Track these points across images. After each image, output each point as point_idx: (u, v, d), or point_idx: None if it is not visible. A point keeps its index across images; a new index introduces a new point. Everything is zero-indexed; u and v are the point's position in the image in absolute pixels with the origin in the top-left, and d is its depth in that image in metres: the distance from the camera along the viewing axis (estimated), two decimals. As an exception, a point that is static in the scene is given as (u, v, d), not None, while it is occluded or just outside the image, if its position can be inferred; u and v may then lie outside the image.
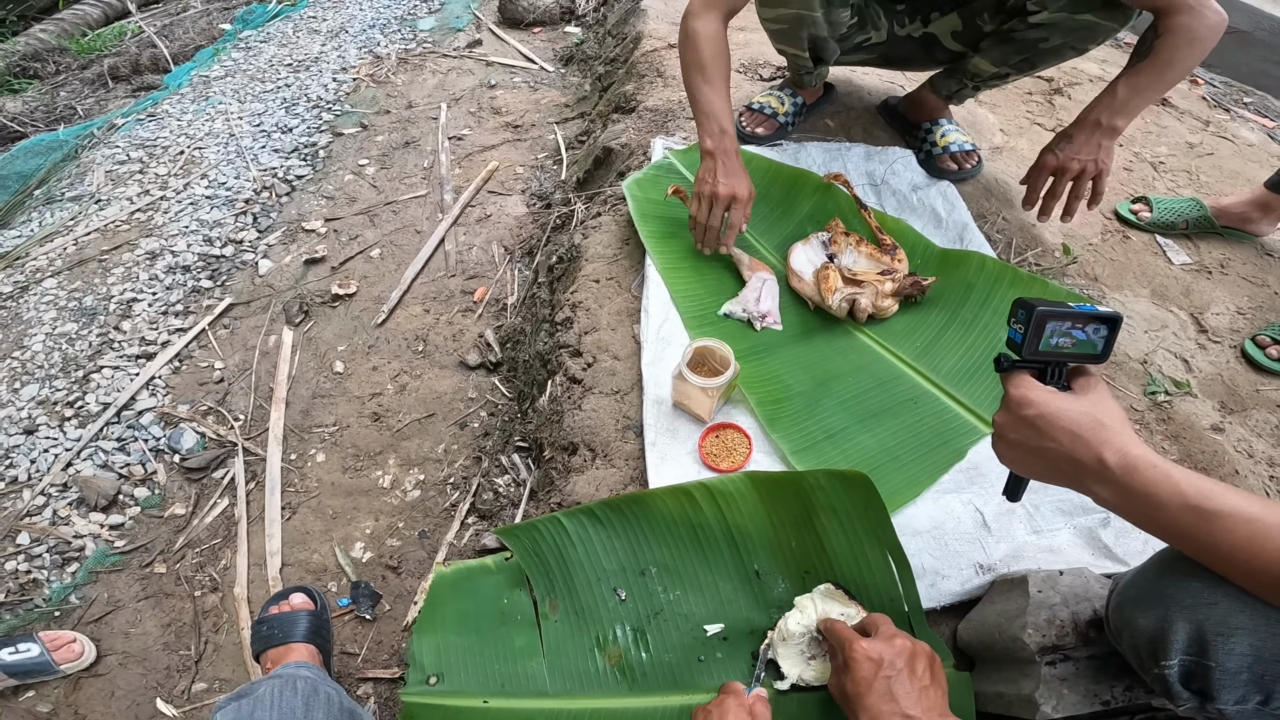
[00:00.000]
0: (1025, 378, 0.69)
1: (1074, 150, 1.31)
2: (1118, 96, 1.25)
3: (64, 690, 1.20)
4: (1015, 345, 0.71)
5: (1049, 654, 0.82)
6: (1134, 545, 1.02)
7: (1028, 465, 0.71)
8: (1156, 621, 0.65)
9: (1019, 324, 0.70)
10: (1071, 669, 0.81)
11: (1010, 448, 0.71)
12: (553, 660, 0.97)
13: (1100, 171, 1.31)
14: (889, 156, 1.66)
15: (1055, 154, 1.33)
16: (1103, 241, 1.68)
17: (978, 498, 1.11)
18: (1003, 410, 0.71)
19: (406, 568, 1.34)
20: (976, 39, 1.42)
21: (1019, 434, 0.68)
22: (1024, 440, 0.68)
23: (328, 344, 1.70)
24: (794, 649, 0.90)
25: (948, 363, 1.28)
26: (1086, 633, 0.82)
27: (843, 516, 0.99)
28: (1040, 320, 0.68)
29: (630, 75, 2.17)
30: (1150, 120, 2.13)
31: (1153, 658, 0.65)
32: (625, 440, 1.18)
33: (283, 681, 0.68)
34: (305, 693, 0.68)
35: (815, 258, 1.37)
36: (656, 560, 1.02)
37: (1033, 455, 0.68)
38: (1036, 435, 0.67)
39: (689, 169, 1.58)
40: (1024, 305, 0.70)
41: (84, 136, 2.44)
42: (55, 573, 1.35)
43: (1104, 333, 0.70)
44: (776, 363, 1.27)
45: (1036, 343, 0.69)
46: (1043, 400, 0.67)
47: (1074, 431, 0.65)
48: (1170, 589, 0.65)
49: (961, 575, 1.02)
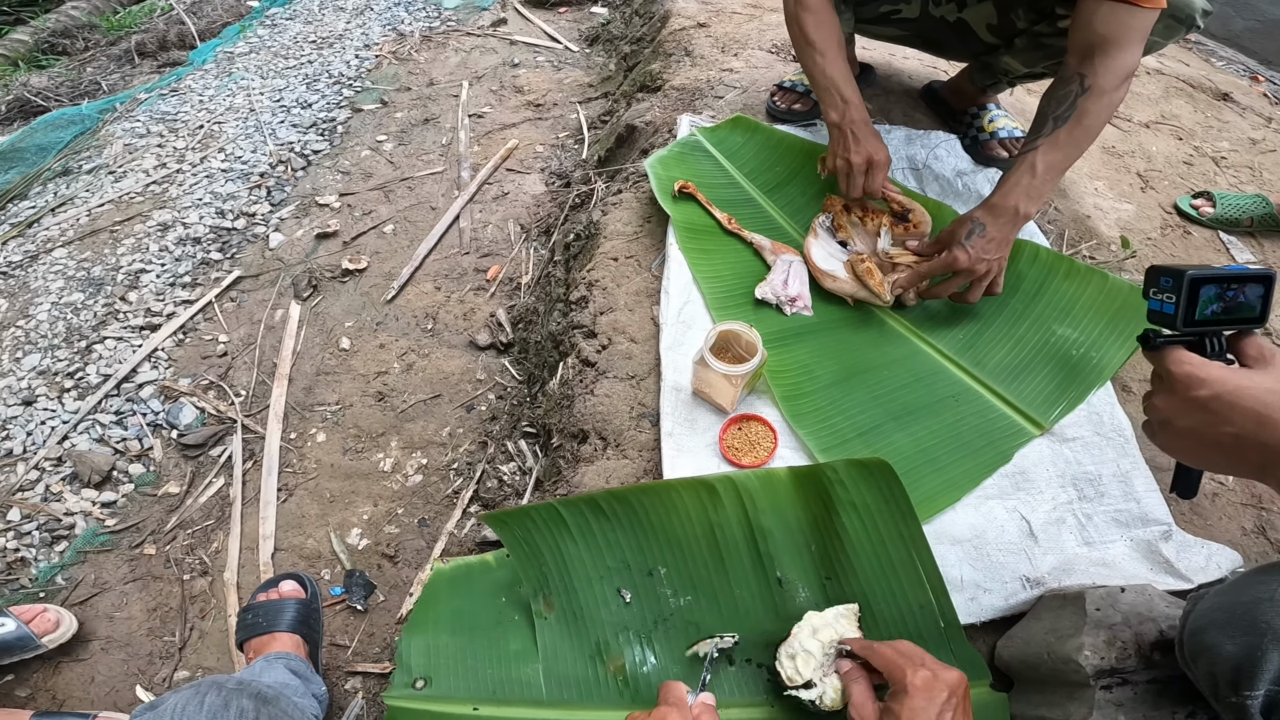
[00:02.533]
0: (1186, 353, 0.61)
1: (986, 246, 1.10)
2: (1037, 174, 1.09)
3: (43, 674, 1.14)
4: (1164, 318, 0.63)
5: (1105, 677, 0.75)
6: (1197, 560, 0.93)
7: (1200, 455, 0.61)
8: (1245, 648, 0.58)
9: (1166, 294, 0.62)
10: (1129, 694, 0.75)
11: (1178, 437, 0.61)
12: (549, 666, 0.89)
13: (1001, 270, 1.14)
14: (931, 141, 1.55)
15: (966, 250, 1.10)
16: (1162, 236, 1.56)
17: (1024, 505, 1.02)
18: (1164, 393, 0.62)
19: (404, 557, 1.26)
20: (1010, 34, 1.31)
21: (1190, 420, 0.59)
22: (1197, 427, 0.59)
23: (335, 320, 1.64)
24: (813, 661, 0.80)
25: (994, 357, 1.17)
26: (1150, 655, 0.75)
27: (864, 513, 0.89)
28: (1193, 285, 0.60)
29: (657, 54, 2.08)
30: (1211, 115, 1.99)
31: (1233, 686, 0.59)
32: (640, 429, 1.09)
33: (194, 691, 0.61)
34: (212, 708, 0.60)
35: (834, 249, 1.27)
36: (666, 560, 0.92)
37: (1207, 444, 0.59)
38: (1213, 420, 0.57)
39: (716, 146, 1.49)
40: (1167, 272, 0.62)
41: (105, 111, 2.41)
42: (43, 551, 1.30)
43: (1260, 292, 0.62)
44: (804, 351, 1.17)
45: (1192, 312, 0.61)
46: (1218, 378, 0.57)
47: (1261, 413, 0.55)
48: (1269, 615, 0.57)
49: (1006, 589, 0.93)
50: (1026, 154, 1.11)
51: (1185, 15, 1.10)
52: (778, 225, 1.37)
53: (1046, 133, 1.10)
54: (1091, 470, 1.04)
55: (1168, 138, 1.83)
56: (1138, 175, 1.68)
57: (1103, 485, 1.03)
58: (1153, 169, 1.71)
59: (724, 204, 1.38)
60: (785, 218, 1.38)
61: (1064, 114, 1.08)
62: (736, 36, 1.99)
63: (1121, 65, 1.05)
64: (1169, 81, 2.04)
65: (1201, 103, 2.01)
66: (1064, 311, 1.19)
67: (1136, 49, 1.06)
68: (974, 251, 1.10)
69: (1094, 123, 1.08)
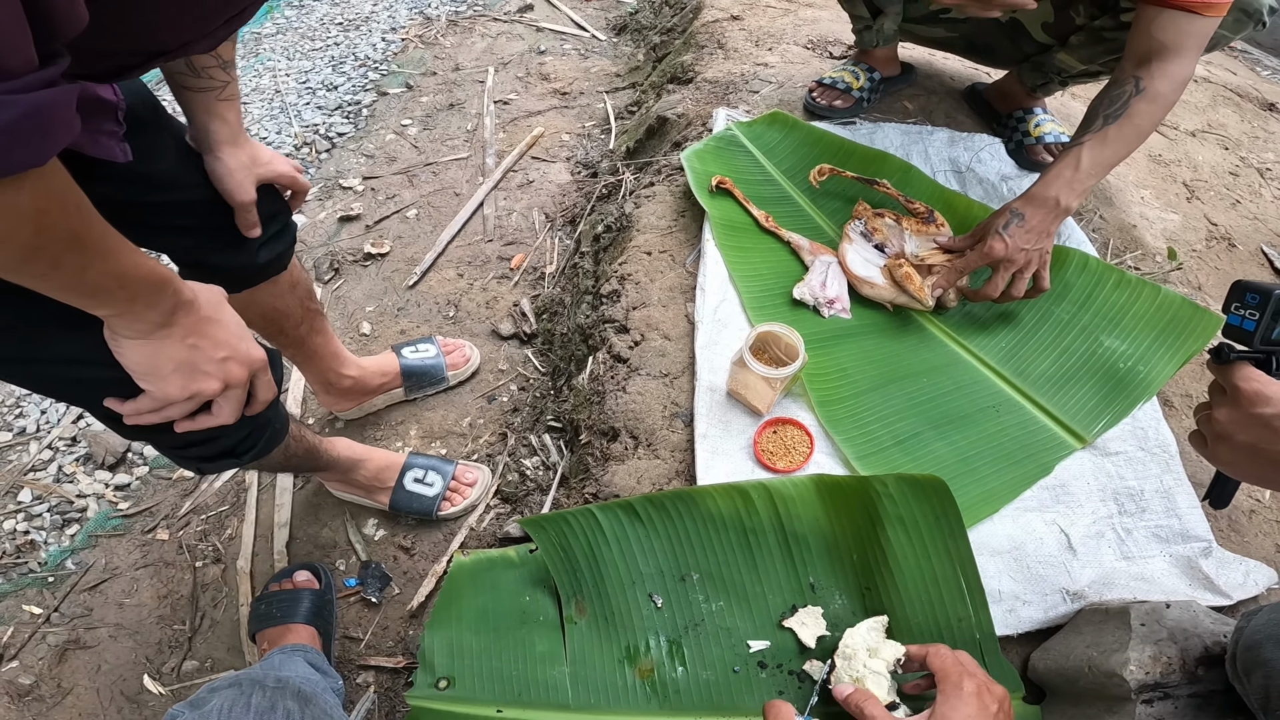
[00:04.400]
0: (1256, 370, 0.62)
1: (1025, 237, 1.07)
2: (1081, 168, 1.05)
3: (48, 662, 1.12)
4: (1242, 334, 0.63)
5: (1148, 692, 0.76)
6: (1234, 577, 0.93)
7: (1253, 469, 0.64)
8: None
9: (1249, 310, 0.62)
10: (1170, 708, 0.76)
11: (1235, 450, 0.64)
12: (577, 669, 0.86)
13: (1044, 262, 1.10)
14: (975, 144, 1.51)
15: (1004, 239, 1.07)
16: (1207, 248, 1.51)
17: (1063, 517, 1.00)
18: (1228, 407, 0.64)
19: (420, 549, 1.24)
20: (1067, 33, 1.27)
21: (1251, 435, 0.62)
22: (1257, 442, 0.61)
23: (356, 304, 1.61)
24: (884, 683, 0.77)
25: (1037, 368, 1.14)
26: (1194, 670, 0.77)
27: (911, 529, 0.87)
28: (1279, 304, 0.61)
29: (689, 46, 2.04)
30: (1258, 125, 1.94)
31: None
32: (672, 429, 1.06)
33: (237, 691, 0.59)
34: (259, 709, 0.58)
35: (871, 254, 1.24)
36: (700, 566, 0.90)
37: (1263, 458, 0.62)
38: (1273, 436, 0.60)
39: (753, 141, 1.45)
40: (1254, 289, 0.62)
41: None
42: (54, 534, 1.27)
43: None
44: (842, 355, 1.14)
45: (1272, 330, 0.61)
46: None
47: None
48: None
49: (1046, 601, 0.92)
50: (1072, 148, 1.08)
51: (1254, 9, 1.07)
52: (816, 225, 1.33)
53: (1095, 129, 1.07)
54: (1134, 485, 1.02)
55: (1214, 147, 1.79)
56: (1184, 185, 1.63)
57: (1144, 500, 1.01)
58: (1199, 179, 1.67)
59: (761, 201, 1.34)
60: (824, 218, 1.35)
61: (1115, 113, 1.06)
62: (771, 31, 1.95)
63: (1178, 72, 1.04)
64: (1216, 90, 1.99)
65: (1248, 112, 1.96)
66: (1113, 323, 1.16)
67: (1194, 56, 1.04)
68: (1012, 241, 1.07)
69: (1144, 123, 1.06)
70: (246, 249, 0.89)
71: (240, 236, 0.87)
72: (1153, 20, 1.02)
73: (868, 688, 0.74)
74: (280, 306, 1.04)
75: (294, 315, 1.07)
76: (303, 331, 1.12)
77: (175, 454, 0.79)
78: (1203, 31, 1.02)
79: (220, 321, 0.64)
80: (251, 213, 0.85)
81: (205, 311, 0.63)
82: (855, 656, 0.77)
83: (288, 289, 1.02)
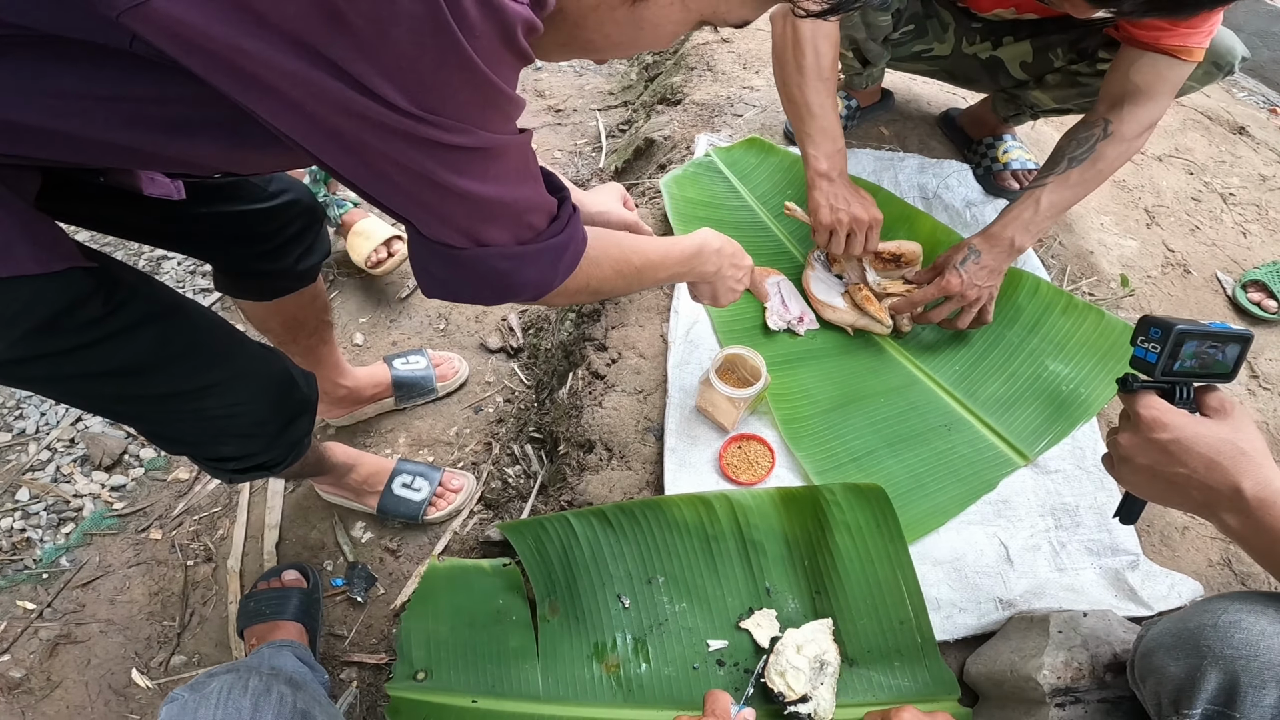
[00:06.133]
0: (1157, 399, 0.68)
1: (979, 273, 1.13)
2: (1040, 210, 1.12)
3: (39, 656, 1.17)
4: (1145, 365, 0.68)
5: (1060, 696, 0.80)
6: (1159, 590, 1.00)
7: (1151, 489, 0.69)
8: (1188, 669, 0.65)
9: (1152, 343, 0.67)
10: (1080, 712, 0.80)
11: (1136, 472, 0.69)
12: (547, 664, 0.93)
13: (991, 298, 1.17)
14: (944, 170, 1.59)
15: (960, 274, 1.13)
16: (1162, 275, 1.59)
17: (1003, 531, 1.07)
18: (1130, 432, 0.69)
19: (406, 551, 1.30)
20: (1044, 72, 1.34)
21: (1149, 458, 0.67)
22: (1154, 464, 0.67)
23: (350, 314, 1.68)
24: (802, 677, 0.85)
25: (987, 389, 1.21)
26: (1103, 676, 0.82)
27: (856, 535, 0.95)
28: (1179, 339, 0.66)
29: (679, 67, 2.11)
30: (1225, 149, 2.02)
31: (1174, 705, 0.65)
32: (644, 443, 1.13)
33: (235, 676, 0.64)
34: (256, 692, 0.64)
35: (830, 281, 1.31)
36: (665, 570, 0.97)
37: (1160, 480, 0.67)
38: (1168, 460, 0.65)
39: (730, 167, 1.52)
40: (1158, 324, 0.67)
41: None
42: (50, 533, 1.32)
43: (1236, 351, 0.68)
44: (806, 375, 1.21)
45: (1172, 363, 0.67)
46: (1179, 424, 0.65)
47: (1211, 458, 0.63)
48: (1210, 639, 0.64)
49: (980, 609, 0.99)
50: (1034, 189, 1.14)
51: (1226, 62, 1.14)
52: (785, 250, 1.40)
53: (1059, 171, 1.13)
54: (1070, 501, 1.09)
55: (1179, 172, 1.86)
56: (1145, 211, 1.71)
57: (1079, 515, 1.08)
58: (1160, 204, 1.74)
59: (735, 227, 1.40)
60: (794, 243, 1.41)
61: (1080, 156, 1.12)
62: (759, 54, 2.02)
63: (1148, 115, 1.09)
64: (1187, 114, 2.06)
65: (1217, 136, 2.03)
66: (1058, 347, 1.23)
67: (1166, 100, 1.09)
68: (967, 277, 1.14)
69: (1107, 167, 1.12)
70: (286, 258, 0.95)
71: (282, 246, 0.93)
72: (1133, 63, 1.07)
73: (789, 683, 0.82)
74: (300, 316, 1.11)
75: (309, 325, 1.15)
76: (314, 341, 1.19)
77: (210, 465, 0.87)
78: (1178, 77, 1.08)
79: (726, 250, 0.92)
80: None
81: (716, 244, 0.90)
82: (783, 652, 0.84)
83: (310, 300, 1.09)
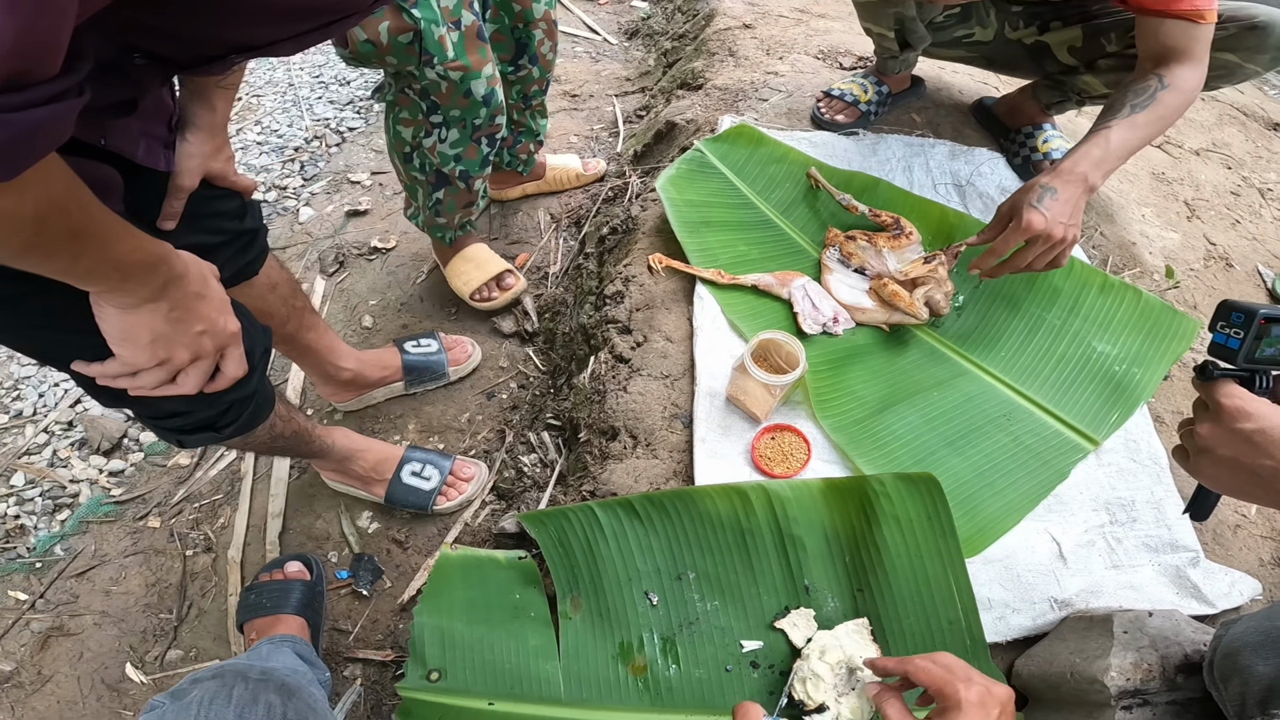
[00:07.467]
0: (1238, 387, 0.64)
1: (1062, 210, 1.04)
2: (1110, 147, 1.05)
3: (30, 649, 1.11)
4: (1226, 351, 0.64)
5: (1128, 698, 0.77)
6: (1220, 587, 0.95)
7: (1233, 483, 0.65)
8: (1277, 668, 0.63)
9: (1233, 328, 0.64)
10: (1147, 714, 0.77)
11: (1216, 464, 0.65)
12: (570, 664, 0.87)
13: (1075, 240, 1.08)
14: (976, 158, 1.52)
15: (1041, 212, 1.04)
16: (1204, 268, 1.53)
17: (1055, 527, 1.01)
18: (1211, 423, 0.65)
19: (414, 543, 1.24)
20: (1094, 57, 1.28)
21: (1232, 449, 0.63)
22: (1237, 456, 0.63)
23: (360, 297, 1.62)
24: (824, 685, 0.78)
25: (1040, 374, 1.15)
26: (1174, 678, 0.78)
27: (906, 529, 0.89)
28: (1264, 324, 0.62)
29: (700, 52, 2.06)
30: (1261, 144, 1.96)
31: (1261, 705, 0.63)
32: (671, 430, 1.06)
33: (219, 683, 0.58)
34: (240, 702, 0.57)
35: (854, 280, 1.24)
36: (696, 565, 0.90)
37: (1243, 473, 0.63)
38: (1254, 452, 0.61)
39: (722, 160, 1.42)
40: (1240, 309, 0.64)
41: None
42: (44, 519, 1.27)
43: None
44: (850, 377, 1.14)
45: (1255, 349, 0.63)
46: (1265, 414, 0.62)
47: None
48: None
49: (1034, 609, 0.94)
50: (1100, 129, 1.08)
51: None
52: (799, 248, 1.32)
53: (1123, 115, 1.08)
54: (1125, 495, 1.04)
55: (1217, 166, 1.80)
56: (1185, 203, 1.65)
57: (1135, 510, 1.03)
58: (1200, 198, 1.68)
59: (740, 226, 1.33)
60: (805, 239, 1.34)
61: (1143, 103, 1.08)
62: (783, 40, 1.96)
63: (1194, 74, 1.08)
64: (1223, 108, 2.01)
65: (1253, 131, 1.98)
66: (1101, 328, 1.19)
67: (1204, 61, 1.08)
68: (1050, 214, 1.04)
69: (1169, 114, 1.08)
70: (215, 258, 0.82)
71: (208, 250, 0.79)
72: (1157, 29, 1.07)
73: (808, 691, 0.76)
74: (262, 307, 1.03)
75: (278, 314, 1.07)
76: (290, 329, 1.12)
77: (154, 424, 0.78)
78: (1205, 38, 1.07)
79: (206, 297, 0.64)
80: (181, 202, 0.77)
81: (193, 287, 0.63)
82: (809, 657, 0.78)
83: (267, 290, 1.02)
